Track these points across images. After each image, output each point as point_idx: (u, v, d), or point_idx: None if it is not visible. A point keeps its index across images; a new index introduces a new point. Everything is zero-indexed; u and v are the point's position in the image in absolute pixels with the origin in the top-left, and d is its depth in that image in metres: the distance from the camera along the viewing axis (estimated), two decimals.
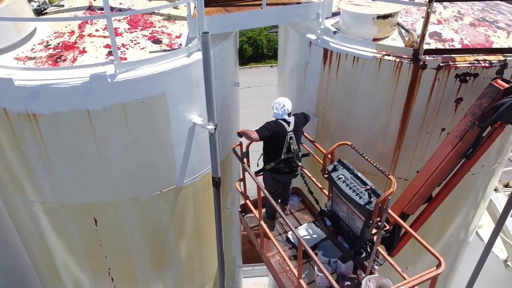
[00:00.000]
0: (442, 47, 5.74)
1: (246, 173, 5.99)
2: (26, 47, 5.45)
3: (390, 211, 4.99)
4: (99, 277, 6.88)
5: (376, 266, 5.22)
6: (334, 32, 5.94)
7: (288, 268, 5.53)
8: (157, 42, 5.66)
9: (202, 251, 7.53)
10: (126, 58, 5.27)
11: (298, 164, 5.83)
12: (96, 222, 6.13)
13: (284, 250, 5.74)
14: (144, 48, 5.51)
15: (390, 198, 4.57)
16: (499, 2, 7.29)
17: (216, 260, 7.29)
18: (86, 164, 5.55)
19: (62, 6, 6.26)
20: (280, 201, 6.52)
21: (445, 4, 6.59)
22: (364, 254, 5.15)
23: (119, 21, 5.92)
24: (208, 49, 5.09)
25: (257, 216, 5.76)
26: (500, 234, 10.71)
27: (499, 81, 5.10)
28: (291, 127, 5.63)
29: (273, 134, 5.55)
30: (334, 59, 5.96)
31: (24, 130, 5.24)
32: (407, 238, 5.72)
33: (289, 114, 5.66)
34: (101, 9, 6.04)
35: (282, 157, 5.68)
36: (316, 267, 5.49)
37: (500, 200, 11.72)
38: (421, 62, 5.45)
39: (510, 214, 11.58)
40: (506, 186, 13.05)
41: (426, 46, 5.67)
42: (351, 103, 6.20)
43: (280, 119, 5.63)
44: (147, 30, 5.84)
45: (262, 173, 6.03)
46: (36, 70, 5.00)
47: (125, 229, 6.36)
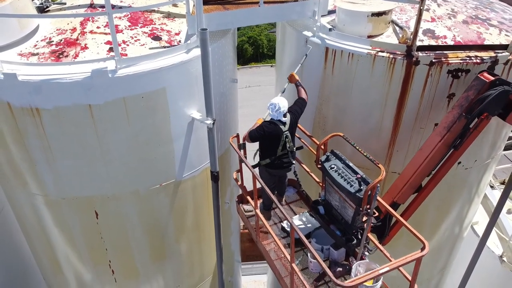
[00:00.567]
0: (435, 44, 5.88)
1: (243, 164, 6.12)
2: (30, 44, 5.60)
3: (379, 199, 5.13)
4: (100, 269, 7.02)
5: (366, 253, 5.36)
6: (330, 29, 6.08)
7: (282, 255, 5.68)
8: (156, 39, 5.80)
9: (201, 245, 7.67)
10: (126, 54, 5.41)
11: (293, 162, 5.95)
12: (97, 215, 6.27)
13: (279, 239, 5.89)
14: (144, 44, 5.65)
15: (379, 186, 4.72)
16: (493, 0, 7.44)
17: (215, 254, 7.44)
18: (88, 157, 5.70)
19: (64, 3, 6.41)
20: (276, 193, 6.66)
21: (439, 2, 6.73)
22: (355, 241, 5.30)
23: (120, 18, 6.07)
24: (206, 45, 5.23)
25: (253, 205, 5.91)
26: (496, 230, 10.91)
27: (486, 74, 5.27)
28: (287, 127, 5.72)
29: (266, 135, 5.64)
30: (330, 56, 6.10)
31: (27, 124, 5.38)
32: (398, 227, 5.86)
33: (285, 114, 5.75)
34: (102, 6, 6.19)
35: (278, 154, 5.80)
36: (309, 254, 5.64)
37: (496, 197, 11.83)
38: (414, 58, 5.59)
39: (506, 211, 11.82)
40: (503, 183, 13.17)
41: (419, 43, 5.82)
42: (347, 99, 6.33)
43: (275, 120, 5.73)
44: (147, 27, 5.99)
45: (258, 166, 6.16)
46: (39, 65, 5.14)
47: (125, 222, 6.50)
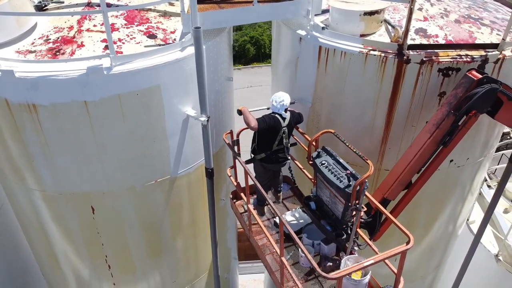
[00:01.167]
0: (427, 43, 5.95)
1: (237, 160, 6.21)
2: (27, 41, 5.72)
3: (367, 195, 5.21)
4: (97, 264, 7.13)
5: (356, 248, 5.44)
6: (323, 28, 6.16)
7: (274, 250, 5.77)
8: (152, 37, 5.90)
9: (197, 241, 7.77)
10: (122, 52, 5.51)
11: (287, 157, 6.04)
12: (93, 211, 6.38)
13: (271, 234, 5.98)
14: (139, 42, 5.76)
15: (367, 181, 4.80)
16: (487, 0, 7.51)
17: (211, 250, 7.53)
18: (84, 153, 5.80)
19: (62, 2, 6.52)
20: (273, 189, 6.76)
21: (432, 1, 6.80)
22: (345, 236, 5.38)
23: (117, 17, 6.17)
24: (200, 43, 5.33)
25: (245, 200, 6.00)
26: (492, 230, 10.96)
27: (474, 72, 5.35)
28: (286, 123, 5.81)
29: (268, 128, 5.76)
30: (323, 54, 6.18)
31: (24, 120, 5.50)
32: (388, 223, 5.94)
33: (286, 109, 5.85)
34: (99, 5, 6.28)
35: (273, 149, 5.90)
36: (300, 249, 5.73)
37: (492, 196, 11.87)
38: (405, 57, 5.67)
39: (502, 211, 11.86)
40: None
41: (411, 42, 5.91)
42: (340, 97, 6.42)
43: (276, 113, 5.82)
44: (143, 26, 6.09)
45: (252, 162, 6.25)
46: (35, 62, 5.26)
47: (121, 217, 6.61)
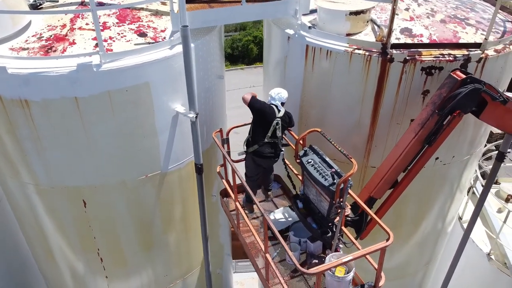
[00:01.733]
0: (411, 42, 6.06)
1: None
2: (21, 39, 5.89)
3: (352, 193, 5.32)
4: (89, 257, 7.29)
5: (341, 245, 5.55)
6: (310, 27, 6.29)
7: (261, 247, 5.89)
8: (142, 35, 6.05)
9: (188, 236, 7.91)
10: (112, 50, 5.66)
11: (277, 154, 6.14)
12: (85, 204, 6.54)
13: (259, 232, 6.10)
14: (129, 40, 5.91)
15: (351, 179, 4.91)
16: (476, 1, 7.60)
17: None
18: (75, 148, 5.96)
19: (57, 1, 6.68)
20: (263, 187, 6.87)
21: (419, 1, 6.91)
22: (330, 234, 5.49)
23: (109, 16, 6.33)
24: (188, 41, 5.48)
25: (233, 197, 6.13)
26: (486, 230, 11.03)
27: (458, 72, 5.44)
28: (281, 114, 5.96)
29: (261, 111, 5.89)
30: (310, 53, 6.31)
31: (17, 116, 5.67)
32: (375, 222, 6.03)
33: (282, 104, 6.00)
34: None
35: (266, 140, 6.00)
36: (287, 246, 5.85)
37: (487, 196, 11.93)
38: (388, 56, 5.78)
39: (496, 210, 11.92)
40: (496, 183, 13.27)
41: (396, 41, 6.02)
42: (327, 96, 6.54)
43: (273, 104, 5.98)
44: (134, 24, 6.24)
45: (243, 159, 6.37)
46: (27, 59, 5.42)
47: (112, 211, 6.77)
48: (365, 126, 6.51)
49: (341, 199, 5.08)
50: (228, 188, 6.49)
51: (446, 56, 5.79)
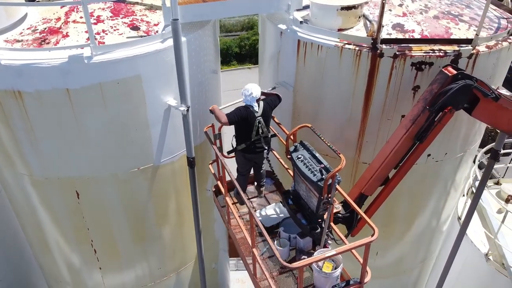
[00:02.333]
0: (402, 37, 6.06)
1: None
2: (16, 31, 6.00)
3: (340, 189, 5.32)
4: (83, 249, 7.38)
5: (330, 241, 5.56)
6: (301, 22, 6.31)
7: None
8: (135, 29, 6.12)
9: (182, 230, 7.97)
10: (104, 43, 5.74)
11: (265, 147, 6.16)
12: (78, 196, 6.63)
13: (247, 228, 6.12)
14: (122, 34, 5.98)
15: (339, 175, 4.92)
16: None
17: None
18: (67, 139, 6.05)
19: None
20: (256, 183, 6.90)
21: None
22: (319, 230, 5.49)
23: (103, 9, 6.42)
24: (178, 34, 5.53)
25: (223, 192, 6.17)
26: (484, 231, 10.94)
27: (449, 68, 5.41)
28: (260, 112, 5.95)
29: (241, 120, 5.89)
30: (302, 48, 6.33)
31: (11, 107, 5.77)
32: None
33: (258, 100, 6.00)
34: None
35: (252, 139, 6.04)
36: (275, 242, 5.87)
37: (486, 195, 11.82)
38: (378, 51, 5.78)
39: (496, 211, 11.82)
40: (497, 184, 13.16)
41: (387, 36, 6.02)
42: (319, 90, 6.55)
43: (249, 105, 5.98)
44: (128, 18, 6.32)
45: (234, 153, 6.40)
46: (20, 50, 5.53)
47: (105, 203, 6.84)
48: (356, 121, 6.51)
49: (329, 195, 5.08)
50: (219, 184, 6.53)
51: (436, 51, 5.78)
